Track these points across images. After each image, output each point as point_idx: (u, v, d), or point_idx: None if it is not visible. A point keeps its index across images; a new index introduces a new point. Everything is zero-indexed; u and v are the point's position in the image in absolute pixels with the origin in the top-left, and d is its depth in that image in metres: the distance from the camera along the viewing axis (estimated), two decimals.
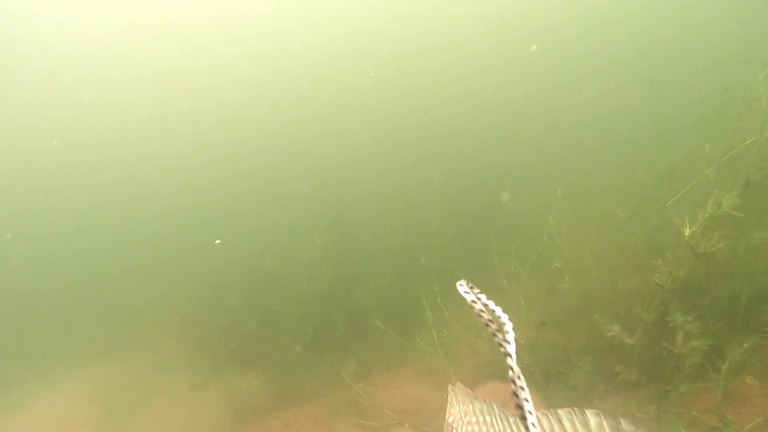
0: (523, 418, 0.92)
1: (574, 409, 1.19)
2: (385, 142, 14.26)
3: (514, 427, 1.30)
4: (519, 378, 0.93)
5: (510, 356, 0.95)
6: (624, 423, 1.11)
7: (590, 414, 1.16)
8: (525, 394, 0.93)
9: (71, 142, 19.13)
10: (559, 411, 1.22)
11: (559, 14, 15.92)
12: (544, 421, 1.21)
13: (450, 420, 1.48)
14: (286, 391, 7.04)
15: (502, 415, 1.36)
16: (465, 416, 1.44)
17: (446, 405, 1.62)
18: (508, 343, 0.96)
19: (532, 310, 6.24)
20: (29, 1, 17.98)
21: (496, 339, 0.97)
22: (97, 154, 18.73)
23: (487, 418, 1.37)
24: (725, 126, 5.31)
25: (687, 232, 2.91)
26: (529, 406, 0.92)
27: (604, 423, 1.13)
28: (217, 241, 9.83)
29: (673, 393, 3.80)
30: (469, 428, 1.39)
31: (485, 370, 6.02)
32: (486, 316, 1.00)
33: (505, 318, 0.97)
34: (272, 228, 9.29)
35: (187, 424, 6.61)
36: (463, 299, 1.14)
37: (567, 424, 1.17)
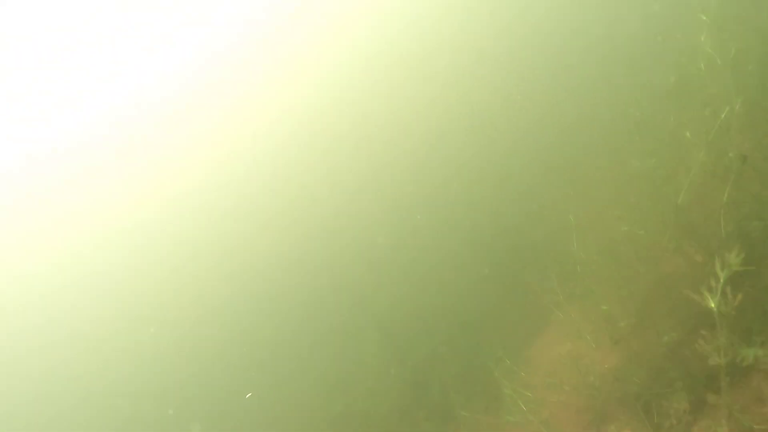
0: None
1: None
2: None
3: None
4: None
5: None
6: None
7: None
8: None
9: None
10: None
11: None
12: None
13: None
14: None
15: None
16: None
17: None
18: None
19: (600, 341, 6.11)
20: None
21: None
22: None
23: None
24: (693, 97, 5.38)
25: (713, 305, 2.90)
26: None
27: None
28: (248, 395, 9.74)
29: None
30: None
31: (583, 420, 5.82)
32: None
33: None
34: (317, 372, 9.16)
35: None
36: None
37: None
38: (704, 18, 4.74)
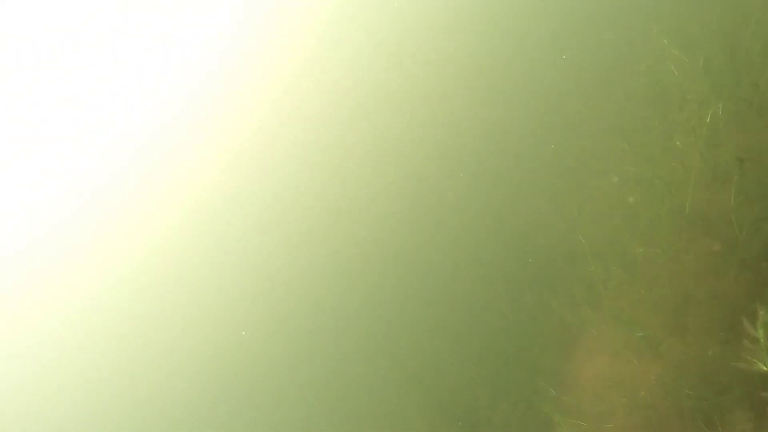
0: None
1: None
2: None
3: None
4: None
5: None
6: None
7: None
8: None
9: None
10: None
11: None
12: None
13: None
14: None
15: None
16: None
17: None
18: None
19: (640, 356, 6.02)
20: None
21: None
22: None
23: None
24: (673, 103, 5.44)
25: (765, 368, 2.88)
26: None
27: None
28: None
29: None
30: None
31: None
32: None
33: None
34: None
35: None
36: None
37: None
38: (659, 27, 4.84)
